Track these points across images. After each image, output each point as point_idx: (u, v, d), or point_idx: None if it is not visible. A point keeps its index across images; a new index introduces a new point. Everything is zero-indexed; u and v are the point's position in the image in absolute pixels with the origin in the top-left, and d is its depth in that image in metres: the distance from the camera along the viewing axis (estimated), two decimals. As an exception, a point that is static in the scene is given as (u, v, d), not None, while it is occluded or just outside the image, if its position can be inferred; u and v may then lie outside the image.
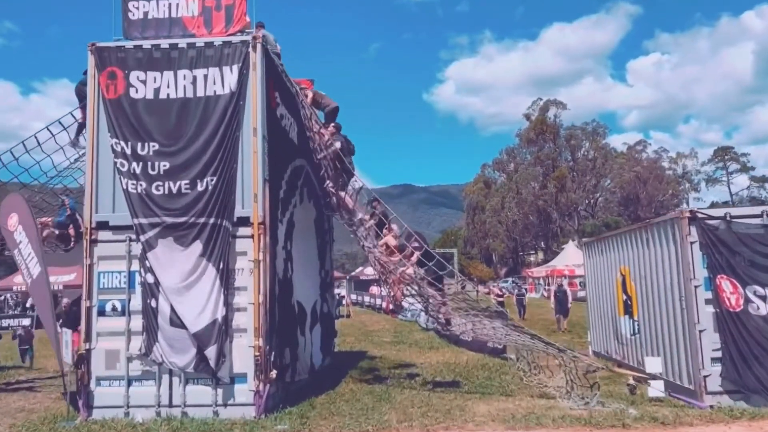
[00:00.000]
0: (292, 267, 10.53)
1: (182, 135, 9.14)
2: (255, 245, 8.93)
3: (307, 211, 12.12)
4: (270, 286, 9.16)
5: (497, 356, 14.98)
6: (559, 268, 50.78)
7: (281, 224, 9.90)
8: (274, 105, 9.87)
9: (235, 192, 9.09)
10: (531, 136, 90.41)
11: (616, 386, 10.58)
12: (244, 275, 8.99)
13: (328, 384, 11.26)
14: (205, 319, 8.72)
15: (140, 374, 8.90)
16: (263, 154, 9.16)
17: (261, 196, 9.05)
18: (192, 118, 9.16)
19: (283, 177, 10.26)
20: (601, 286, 14.01)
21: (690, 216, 9.20)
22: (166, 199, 8.99)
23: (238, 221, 9.06)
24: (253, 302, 8.83)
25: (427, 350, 17.06)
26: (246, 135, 9.16)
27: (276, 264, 9.48)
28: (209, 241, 8.87)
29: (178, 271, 8.82)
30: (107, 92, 9.26)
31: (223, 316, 8.71)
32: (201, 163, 9.04)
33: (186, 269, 8.82)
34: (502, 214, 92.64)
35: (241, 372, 8.80)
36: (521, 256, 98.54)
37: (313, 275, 12.67)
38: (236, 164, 9.10)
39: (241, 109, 9.17)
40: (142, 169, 9.04)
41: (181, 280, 8.80)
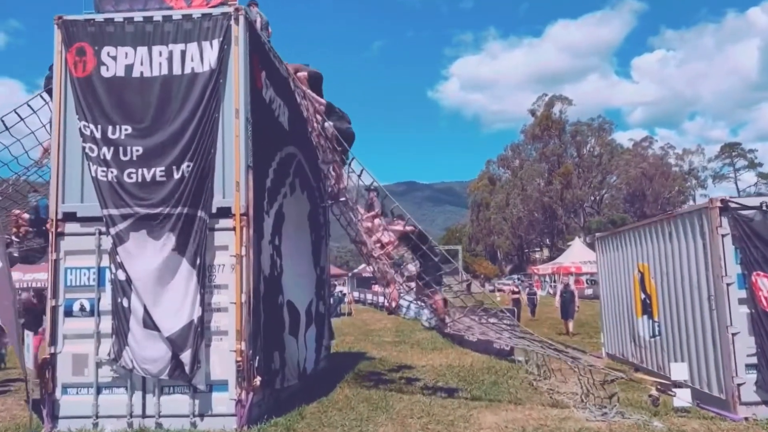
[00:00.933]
0: (282, 264, 9.64)
1: (157, 117, 8.26)
2: (237, 239, 8.06)
3: (299, 204, 11.24)
4: (254, 284, 8.30)
5: (504, 358, 14.09)
6: (566, 265, 49.82)
7: (268, 216, 9.01)
8: (260, 85, 8.97)
9: (214, 179, 8.22)
10: (536, 132, 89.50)
11: (636, 393, 9.67)
12: (225, 272, 8.12)
13: (322, 390, 10.40)
14: (181, 320, 7.85)
15: (110, 381, 8.04)
16: (246, 139, 8.28)
17: (244, 185, 8.18)
18: (168, 98, 8.28)
19: (271, 165, 9.38)
20: (616, 284, 13.08)
21: (721, 205, 8.24)
22: (139, 187, 8.12)
23: (218, 212, 8.19)
24: (234, 302, 7.98)
25: (429, 351, 16.17)
26: (227, 117, 8.28)
27: (261, 260, 8.60)
28: (183, 233, 8.00)
29: (151, 267, 7.95)
30: (75, 70, 8.38)
31: (199, 317, 7.85)
32: (178, 148, 8.16)
33: (159, 265, 7.95)
34: (506, 210, 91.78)
35: (222, 379, 7.94)
36: (526, 253, 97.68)
37: (307, 273, 11.78)
38: (215, 149, 8.23)
39: (222, 88, 8.29)
40: (113, 154, 8.16)
41: (154, 277, 7.93)
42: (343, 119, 10.50)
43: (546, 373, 11.38)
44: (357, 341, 19.16)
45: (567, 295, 20.23)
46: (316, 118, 9.87)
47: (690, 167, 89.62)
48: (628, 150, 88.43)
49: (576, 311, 20.23)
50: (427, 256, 9.52)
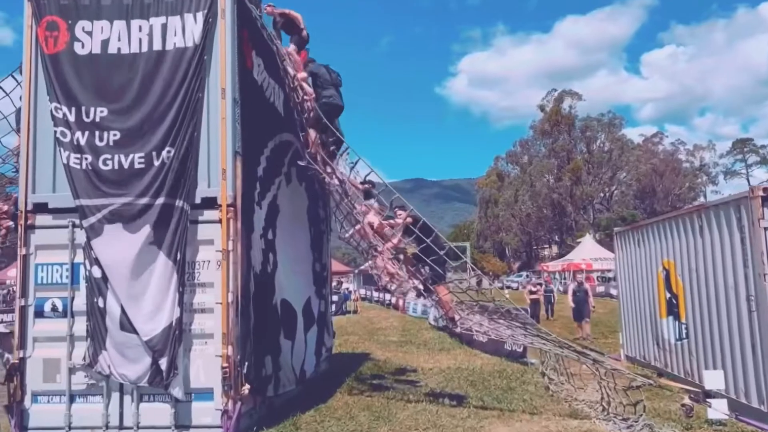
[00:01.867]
0: (276, 260, 8.86)
1: (136, 98, 7.49)
2: (223, 232, 7.29)
3: (296, 196, 10.46)
4: (243, 283, 7.54)
5: (516, 360, 13.29)
6: (576, 262, 48.92)
7: (259, 208, 8.23)
8: (250, 65, 8.19)
9: (198, 167, 7.45)
10: (545, 127, 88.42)
11: (663, 401, 8.85)
12: (210, 269, 7.35)
13: (321, 396, 9.64)
14: (161, 322, 7.10)
15: (85, 389, 7.29)
16: (234, 122, 7.50)
17: (231, 173, 7.41)
18: (148, 77, 7.50)
19: (263, 152, 8.59)
20: (637, 282, 12.21)
21: (764, 194, 7.38)
22: (116, 175, 7.35)
23: (203, 202, 7.42)
24: (221, 302, 7.21)
25: (437, 352, 15.36)
26: (213, 98, 7.51)
27: (252, 255, 7.83)
28: (162, 226, 7.23)
29: (127, 264, 7.19)
30: (47, 47, 7.61)
31: (177, 319, 7.09)
32: (159, 132, 7.38)
33: (136, 261, 7.19)
34: (515, 207, 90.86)
35: (206, 387, 7.18)
36: (535, 250, 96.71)
37: (305, 270, 11.00)
38: (198, 132, 7.46)
39: (207, 66, 7.53)
40: (88, 139, 7.39)
41: (131, 274, 7.17)
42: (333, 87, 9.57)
43: (562, 377, 10.55)
44: (362, 341, 18.38)
45: (580, 294, 18.41)
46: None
47: (701, 163, 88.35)
48: (638, 146, 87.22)
49: (591, 311, 18.64)
50: (431, 249, 8.71)
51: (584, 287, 18.80)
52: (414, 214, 9.05)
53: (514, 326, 10.22)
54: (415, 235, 8.81)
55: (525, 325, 9.12)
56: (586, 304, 18.12)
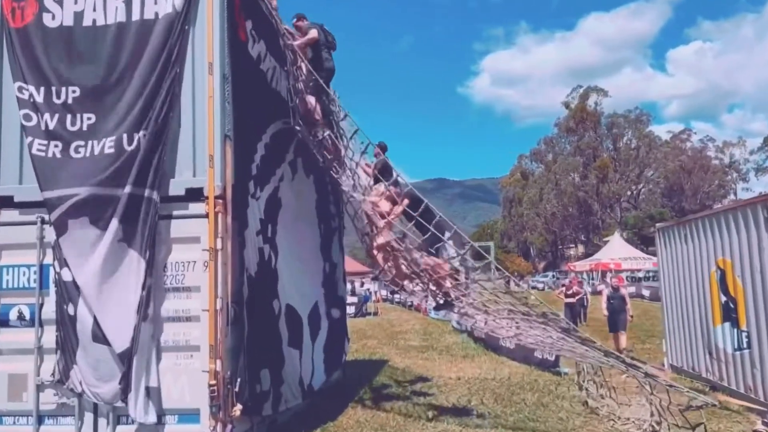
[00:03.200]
0: (277, 260, 7.84)
1: (112, 75, 6.54)
2: (210, 228, 6.28)
3: (303, 189, 9.44)
4: (235, 286, 6.55)
5: (548, 369, 12.13)
6: (604, 261, 47.36)
7: (255, 201, 7.20)
8: (244, 37, 7.19)
9: (175, 152, 6.47)
10: (570, 124, 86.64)
11: (721, 422, 7.67)
12: (196, 271, 6.35)
13: (330, 411, 8.67)
14: (131, 332, 6.14)
15: (55, 408, 6.35)
16: (223, 101, 6.51)
17: (220, 159, 6.41)
18: (125, 51, 6.54)
19: (260, 138, 7.58)
20: (684, 284, 10.94)
21: None
22: (89, 164, 6.38)
23: (188, 194, 6.43)
24: (208, 309, 6.21)
25: (460, 359, 14.24)
26: (199, 74, 6.53)
27: (246, 255, 6.79)
28: (131, 218, 6.26)
29: (96, 264, 6.23)
30: (13, 19, 6.69)
31: (135, 326, 6.10)
32: (133, 112, 6.41)
33: (106, 261, 6.23)
34: (540, 206, 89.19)
35: (192, 408, 6.18)
36: (561, 249, 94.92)
37: (313, 271, 9.96)
38: (177, 113, 6.48)
39: (189, 38, 6.55)
40: (58, 123, 6.44)
41: (100, 276, 6.21)
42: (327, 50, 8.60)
43: (602, 389, 9.40)
44: (380, 345, 17.33)
45: (616, 301, 15.49)
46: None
47: (731, 160, 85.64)
48: (666, 143, 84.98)
49: (630, 321, 15.74)
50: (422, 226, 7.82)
51: (621, 293, 15.98)
52: (411, 194, 8.05)
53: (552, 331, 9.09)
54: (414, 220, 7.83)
55: (565, 330, 7.97)
56: (623, 312, 15.34)
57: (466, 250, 7.76)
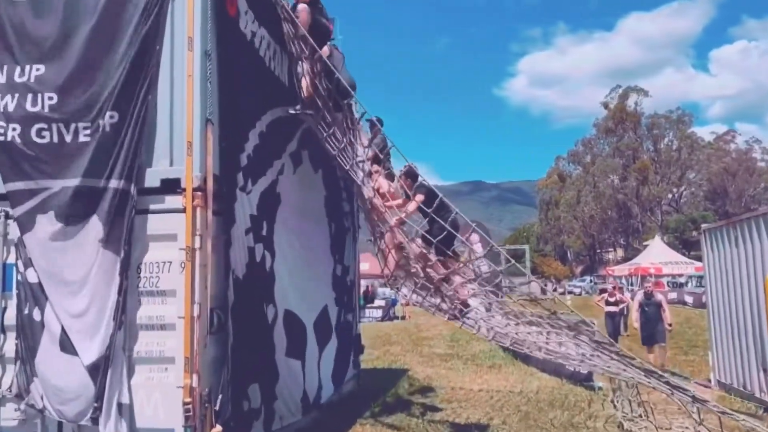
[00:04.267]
0: (273, 261, 7.07)
1: (80, 51, 5.83)
2: (188, 224, 5.53)
3: (309, 184, 8.66)
4: (217, 290, 5.78)
5: (580, 383, 11.12)
6: (644, 266, 45.76)
7: (245, 195, 6.42)
8: (234, 12, 6.43)
9: (153, 138, 5.75)
10: (609, 125, 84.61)
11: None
12: (172, 272, 5.60)
13: (334, 428, 7.92)
14: (105, 342, 5.44)
15: (17, 425, 5.68)
16: (204, 80, 5.76)
17: (200, 146, 5.66)
18: (96, 24, 5.85)
19: (253, 125, 6.81)
20: (733, 290, 9.82)
21: None
22: (54, 151, 5.71)
23: (164, 186, 5.70)
24: (183, 316, 5.47)
25: (485, 369, 13.32)
26: (178, 50, 5.80)
27: (232, 255, 6.01)
28: (105, 214, 5.57)
29: (64, 264, 5.57)
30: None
31: (111, 336, 5.40)
32: (104, 94, 5.72)
33: (76, 261, 5.57)
34: (577, 209, 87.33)
35: (166, 428, 5.44)
36: (599, 253, 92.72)
37: (321, 274, 9.18)
38: (154, 94, 5.75)
39: (167, 9, 5.83)
40: (18, 105, 5.78)
41: (71, 277, 5.55)
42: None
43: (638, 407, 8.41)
44: (403, 352, 16.47)
45: (651, 308, 13.13)
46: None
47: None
48: (709, 144, 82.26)
49: (669, 331, 13.47)
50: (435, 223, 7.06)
51: (656, 299, 13.56)
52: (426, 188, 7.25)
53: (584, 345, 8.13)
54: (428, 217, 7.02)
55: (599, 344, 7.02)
56: (660, 321, 13.10)
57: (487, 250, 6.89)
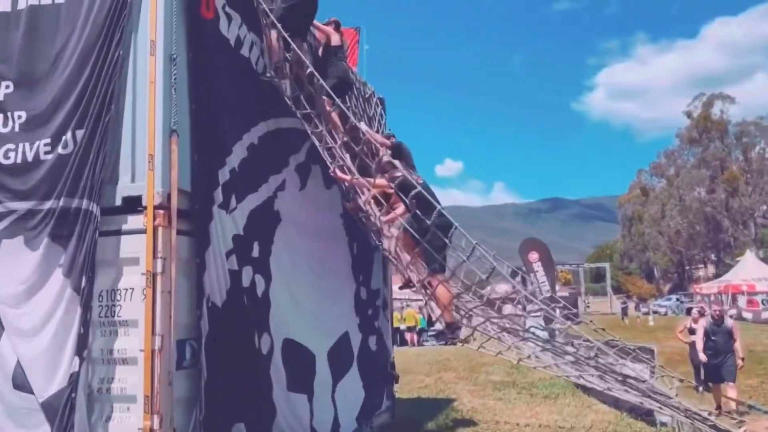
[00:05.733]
0: (267, 286, 6.41)
1: (47, 64, 5.47)
2: (148, 245, 4.97)
3: (321, 201, 8.00)
4: (188, 320, 5.19)
5: (641, 417, 9.88)
6: (735, 283, 42.46)
7: (226, 214, 5.78)
8: (210, 13, 5.89)
9: (116, 154, 5.25)
10: (693, 135, 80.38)
11: None
12: (134, 300, 5.05)
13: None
14: (60, 377, 4.92)
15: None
16: (168, 87, 5.22)
17: (162, 160, 5.11)
18: (62, 36, 5.47)
19: (239, 137, 6.20)
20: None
21: None
22: (18, 172, 5.33)
23: (125, 204, 5.18)
24: (143, 349, 4.88)
25: (539, 400, 12.19)
26: (141, 56, 5.30)
27: (208, 280, 5.39)
28: (63, 237, 5.11)
29: (24, 291, 5.14)
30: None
31: (74, 374, 4.84)
32: (66, 108, 5.29)
33: (34, 287, 5.12)
34: (662, 223, 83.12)
35: (126, 477, 4.86)
36: (688, 270, 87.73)
37: (340, 298, 8.45)
38: (120, 106, 5.27)
39: (131, 12, 5.35)
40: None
41: (28, 306, 5.11)
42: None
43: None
44: (456, 380, 15.47)
45: (720, 337, 10.69)
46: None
47: None
48: (806, 152, 76.73)
49: (740, 367, 10.85)
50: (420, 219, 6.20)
51: (726, 325, 11.02)
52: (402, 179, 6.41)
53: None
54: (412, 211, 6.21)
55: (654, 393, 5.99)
56: (731, 354, 10.56)
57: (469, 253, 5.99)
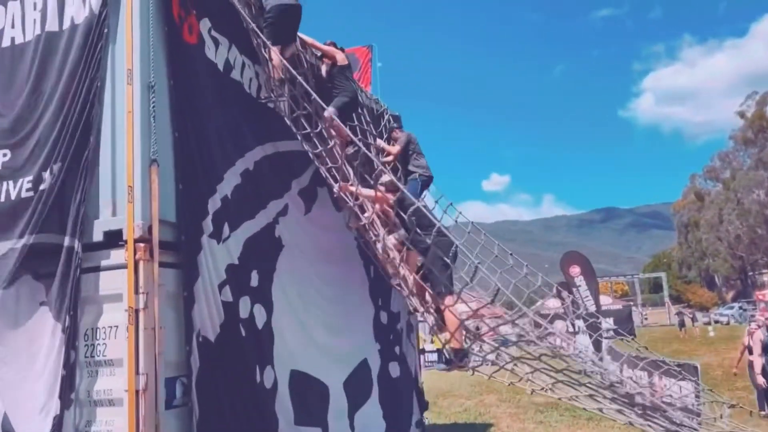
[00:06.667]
0: (269, 316, 6.15)
1: (31, 101, 5.40)
2: (129, 281, 4.77)
3: (330, 225, 7.70)
4: (177, 357, 4.97)
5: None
6: (801, 289, 40.27)
7: (217, 244, 5.55)
8: (193, 38, 5.74)
9: (99, 186, 5.11)
10: (749, 135, 77.49)
11: None
12: (119, 338, 4.85)
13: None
14: (47, 421, 4.75)
15: None
16: (148, 116, 5.06)
17: (141, 191, 4.93)
18: (43, 71, 5.40)
19: (232, 163, 6.01)
20: None
21: None
22: (4, 210, 5.24)
23: (106, 239, 5.01)
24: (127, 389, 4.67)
25: (582, 422, 11.55)
26: (120, 85, 5.17)
27: (195, 315, 5.17)
28: (48, 276, 4.98)
29: (7, 334, 5.01)
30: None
31: (57, 417, 4.66)
32: (49, 143, 5.19)
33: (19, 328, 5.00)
34: (720, 229, 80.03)
35: None
36: (751, 276, 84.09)
37: (356, 324, 8.13)
38: (98, 138, 5.13)
39: (109, 43, 5.23)
40: None
41: (13, 348, 4.98)
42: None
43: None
44: (498, 402, 14.89)
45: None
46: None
47: None
48: None
49: None
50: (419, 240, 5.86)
51: None
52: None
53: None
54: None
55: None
56: None
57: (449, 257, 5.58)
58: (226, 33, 6.16)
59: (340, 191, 6.29)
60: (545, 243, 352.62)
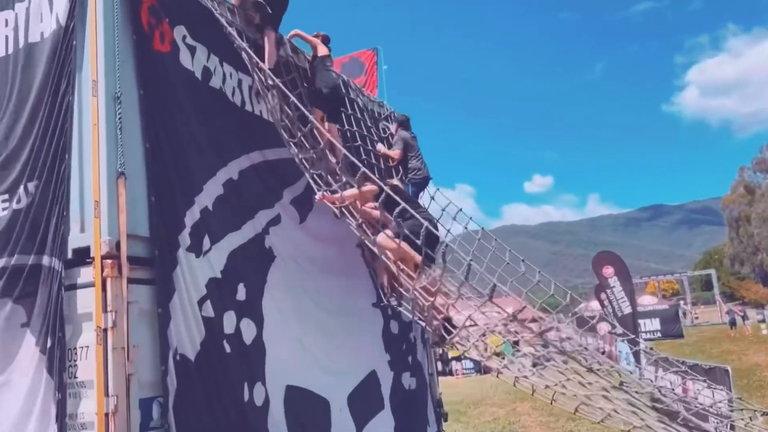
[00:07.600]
0: (259, 331, 5.92)
1: (5, 116, 5.32)
2: (97, 299, 4.60)
3: (329, 233, 7.44)
4: (152, 377, 4.77)
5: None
6: None
7: (196, 258, 5.35)
8: (166, 46, 5.56)
9: (69, 203, 4.95)
10: (799, 123, 74.40)
11: None
12: (89, 359, 4.68)
13: None
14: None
15: None
16: (114, 128, 4.89)
17: (109, 205, 4.76)
18: (13, 86, 5.30)
19: (213, 173, 5.80)
20: None
21: None
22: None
23: (75, 256, 4.85)
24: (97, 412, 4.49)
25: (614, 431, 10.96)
26: (86, 97, 5.02)
27: (173, 331, 4.97)
28: (29, 297, 4.84)
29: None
30: None
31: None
32: (21, 160, 5.09)
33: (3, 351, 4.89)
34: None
35: None
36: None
37: (362, 335, 7.85)
38: (70, 153, 4.99)
39: (77, 55, 5.09)
40: None
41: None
42: None
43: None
44: (531, 410, 14.37)
45: None
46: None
47: None
48: None
49: None
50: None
51: None
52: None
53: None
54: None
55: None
56: None
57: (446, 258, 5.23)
58: (204, 40, 5.97)
59: (323, 199, 6.06)
60: (592, 243, 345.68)
